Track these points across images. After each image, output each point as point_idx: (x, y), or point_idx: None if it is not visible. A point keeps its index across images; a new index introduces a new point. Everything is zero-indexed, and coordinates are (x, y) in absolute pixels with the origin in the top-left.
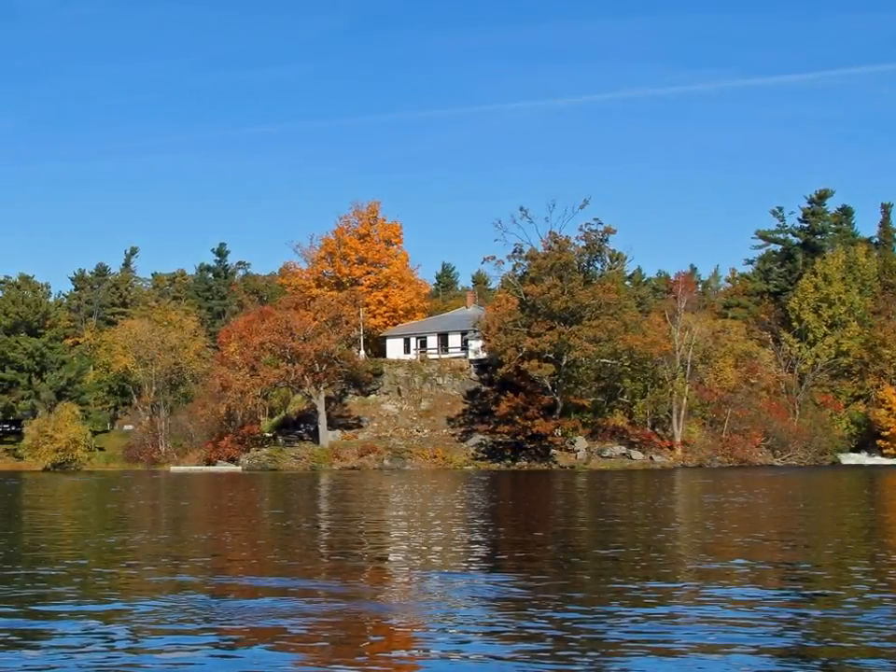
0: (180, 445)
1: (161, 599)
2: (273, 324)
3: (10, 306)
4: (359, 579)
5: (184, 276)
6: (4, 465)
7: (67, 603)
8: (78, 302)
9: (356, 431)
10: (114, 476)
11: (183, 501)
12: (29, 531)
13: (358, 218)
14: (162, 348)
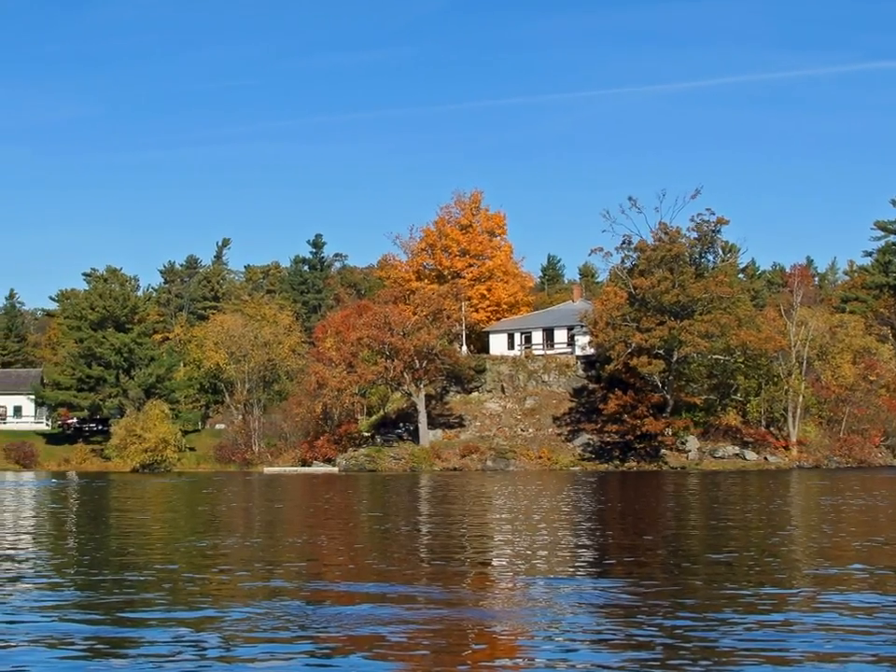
0: (274, 445)
1: (254, 606)
2: (372, 318)
3: (97, 300)
4: (461, 584)
5: (278, 269)
6: (90, 466)
7: (157, 610)
8: (168, 296)
9: (457, 431)
10: (205, 477)
11: (277, 503)
12: (117, 535)
13: (460, 208)
14: (256, 344)
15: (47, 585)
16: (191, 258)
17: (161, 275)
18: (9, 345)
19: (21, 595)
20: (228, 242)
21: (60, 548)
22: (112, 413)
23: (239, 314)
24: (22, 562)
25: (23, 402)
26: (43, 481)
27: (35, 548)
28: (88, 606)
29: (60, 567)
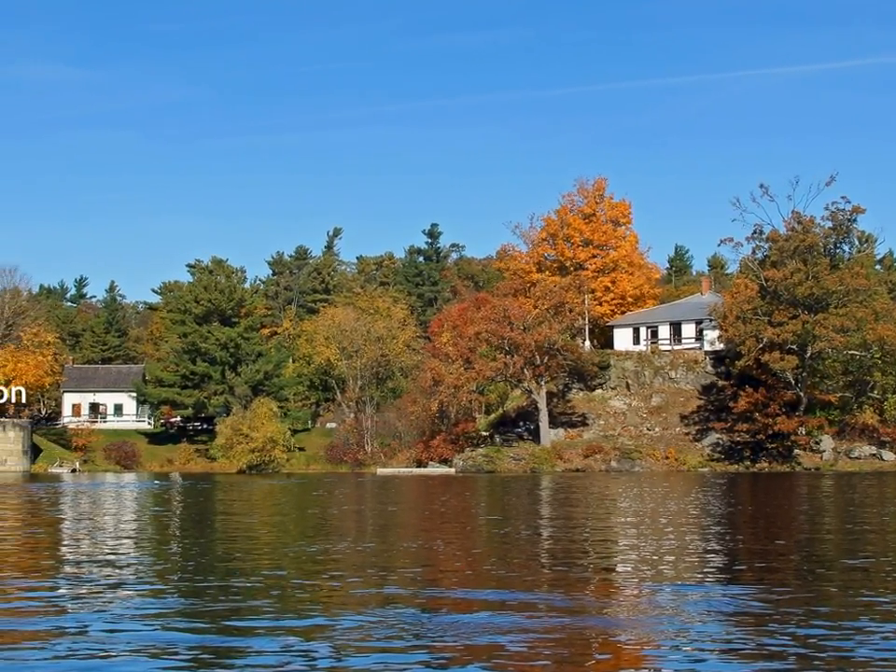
0: (388, 445)
1: (366, 614)
2: (490, 312)
3: (202, 293)
4: (584, 591)
5: (392, 260)
6: (195, 466)
7: (264, 618)
8: (276, 289)
9: (580, 430)
10: (315, 479)
11: (391, 506)
12: (222, 539)
13: (583, 196)
14: (368, 339)
15: (149, 592)
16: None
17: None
18: (110, 340)
19: (121, 602)
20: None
21: (163, 553)
22: (217, 411)
23: (351, 307)
24: (123, 568)
25: (124, 400)
26: (145, 482)
27: (137, 553)
28: (192, 614)
29: (162, 573)
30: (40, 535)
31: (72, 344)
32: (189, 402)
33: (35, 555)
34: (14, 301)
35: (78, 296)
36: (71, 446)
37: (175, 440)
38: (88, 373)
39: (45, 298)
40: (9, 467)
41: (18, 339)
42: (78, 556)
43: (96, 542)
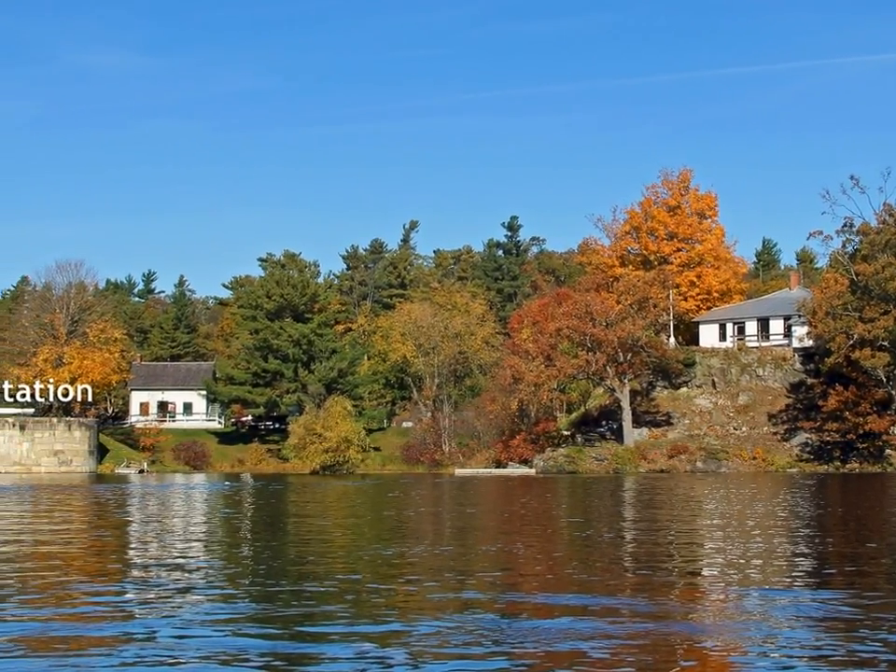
0: (466, 445)
1: (444, 619)
2: (572, 307)
3: (274, 288)
4: (669, 596)
5: (470, 254)
6: (266, 467)
7: (338, 623)
8: (351, 283)
9: (664, 429)
10: (391, 479)
11: (469, 508)
12: (295, 542)
13: (668, 188)
14: (446, 335)
15: (219, 597)
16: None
17: (344, 261)
18: (179, 337)
19: (191, 607)
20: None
21: (233, 556)
22: (290, 410)
23: (428, 302)
24: (193, 572)
25: (194, 399)
26: (215, 483)
27: (207, 556)
28: (264, 619)
29: (233, 577)
30: (107, 538)
31: (140, 341)
32: (261, 401)
33: (101, 559)
34: (80, 297)
35: (146, 291)
36: (139, 446)
37: (247, 439)
38: (156, 371)
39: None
40: (75, 467)
41: (84, 335)
42: (146, 560)
43: (165, 545)
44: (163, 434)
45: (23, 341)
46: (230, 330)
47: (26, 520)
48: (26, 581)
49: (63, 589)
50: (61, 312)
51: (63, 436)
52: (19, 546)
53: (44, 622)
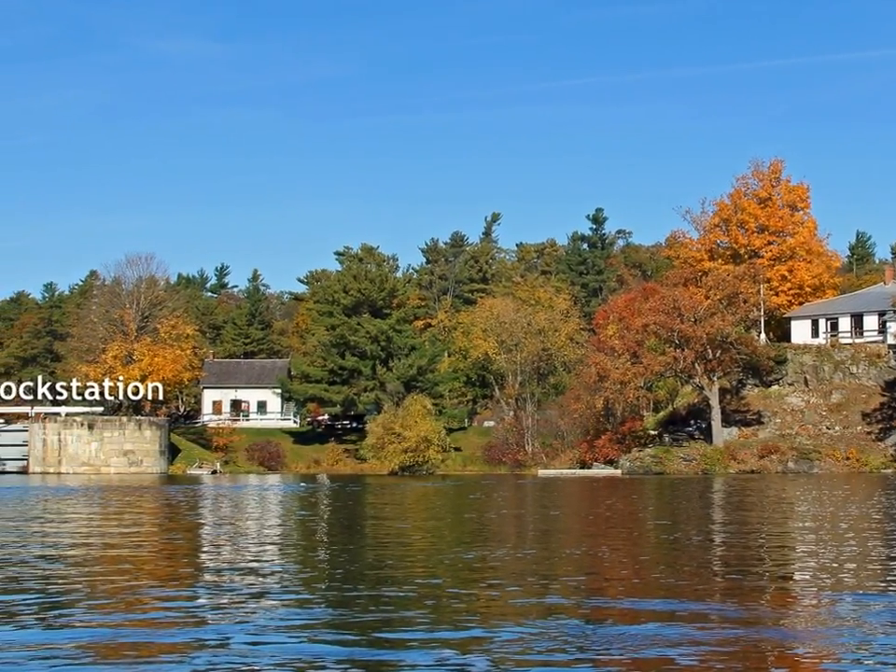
0: (549, 445)
1: (527, 625)
2: (659, 303)
3: (351, 282)
4: (759, 601)
5: (554, 247)
6: (343, 468)
7: (418, 630)
8: (431, 278)
9: (755, 428)
10: (472, 481)
11: (553, 510)
12: (373, 546)
13: (758, 179)
14: (529, 331)
15: (294, 602)
16: (457, 234)
17: (423, 254)
18: (253, 333)
19: (265, 612)
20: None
21: (309, 560)
22: (368, 408)
23: (510, 297)
24: (267, 576)
25: (268, 397)
26: (290, 485)
27: (282, 560)
28: (340, 625)
29: (309, 581)
30: (178, 541)
31: (212, 337)
32: (338, 399)
33: (172, 563)
34: (151, 291)
35: (219, 286)
36: (211, 446)
37: (323, 439)
38: (229, 368)
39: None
40: (145, 468)
41: (155, 331)
42: (219, 564)
43: (238, 549)
44: (237, 434)
45: (92, 337)
46: (305, 326)
47: (95, 522)
48: (95, 585)
49: (133, 594)
50: (131, 307)
51: (134, 436)
52: (87, 549)
53: (113, 627)
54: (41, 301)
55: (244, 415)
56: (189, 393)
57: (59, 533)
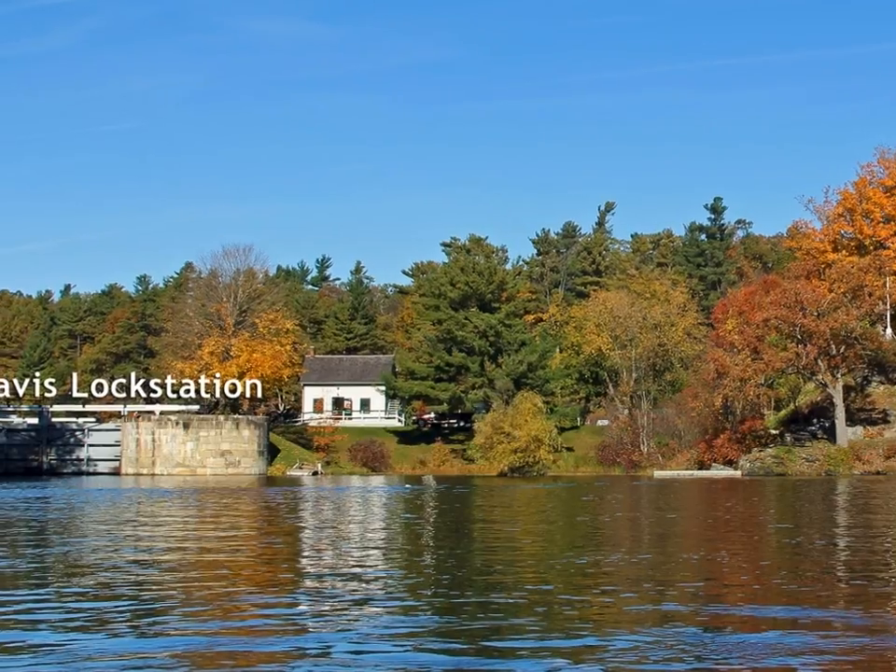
0: (666, 445)
1: (642, 633)
2: (780, 296)
3: (458, 275)
4: (886, 608)
5: (670, 238)
6: (450, 469)
7: (528, 638)
8: (542, 270)
9: (881, 427)
10: (585, 482)
11: (670, 513)
12: (481, 550)
13: (884, 167)
14: (644, 326)
15: (399, 609)
16: (569, 225)
17: (534, 246)
18: (355, 328)
19: (369, 620)
20: (612, 206)
21: (414, 565)
22: (476, 407)
23: (625, 290)
24: (371, 582)
25: (372, 394)
26: (395, 486)
27: (386, 565)
28: (447, 633)
29: (414, 587)
30: (278, 545)
31: (313, 332)
32: (444, 397)
33: (272, 568)
34: (249, 284)
35: (321, 278)
36: (312, 446)
37: (429, 439)
38: (331, 365)
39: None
40: (243, 469)
41: (253, 326)
42: (320, 569)
43: (340, 553)
44: (339, 433)
45: (187, 332)
46: (410, 321)
47: (191, 526)
48: (190, 591)
49: (230, 600)
50: (228, 301)
51: (231, 435)
52: (183, 554)
53: (210, 636)
54: (134, 294)
55: (346, 414)
56: (288, 391)
57: (153, 537)
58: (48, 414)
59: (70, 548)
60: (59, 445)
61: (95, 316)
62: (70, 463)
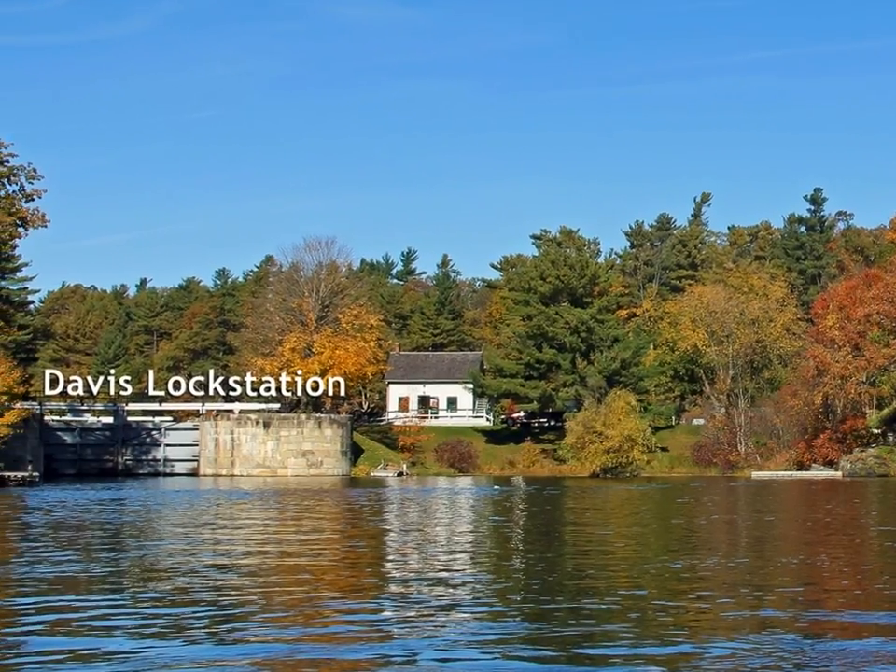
0: (764, 445)
1: (739, 640)
2: (883, 291)
3: (549, 268)
4: None
5: (769, 230)
6: (540, 469)
7: (621, 645)
8: (635, 263)
9: None
10: (680, 483)
11: (768, 515)
12: (572, 554)
13: None
14: (742, 322)
15: (487, 615)
16: (663, 217)
17: (627, 238)
18: (442, 323)
19: (456, 626)
20: (708, 197)
21: (503, 569)
22: (567, 405)
23: (721, 284)
24: (458, 587)
25: (459, 393)
26: (483, 488)
27: (473, 569)
28: (537, 640)
29: (503, 592)
30: (362, 549)
31: (398, 328)
32: (534, 395)
33: (355, 572)
34: (331, 278)
35: (406, 272)
36: (397, 446)
37: (518, 438)
38: (417, 362)
39: (367, 274)
40: (325, 470)
41: (336, 322)
42: (406, 574)
43: (426, 557)
44: (425, 432)
45: (268, 328)
46: (499, 316)
47: (271, 529)
48: (271, 597)
49: (312, 606)
50: (310, 295)
51: (313, 435)
52: (263, 558)
53: (291, 643)
54: (213, 288)
55: (432, 412)
56: (372, 388)
57: (232, 540)
58: (123, 413)
59: (146, 552)
60: (134, 445)
61: (172, 312)
62: (146, 464)
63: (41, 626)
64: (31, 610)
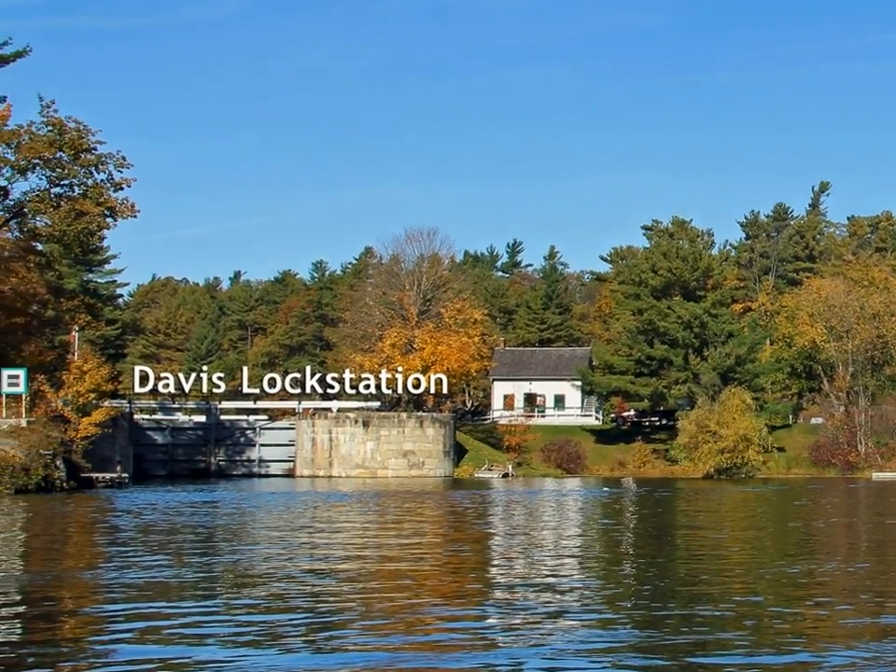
0: (885, 444)
1: (860, 648)
2: None
3: (660, 260)
4: None
5: (890, 220)
6: (651, 470)
7: (735, 653)
8: (750, 255)
9: None
10: (797, 485)
11: (889, 518)
12: (685, 558)
13: None
14: (862, 316)
15: (596, 622)
16: (780, 207)
17: (742, 229)
18: (549, 318)
19: (563, 634)
20: (827, 186)
21: (613, 575)
22: (679, 403)
23: (840, 277)
24: (566, 593)
25: (567, 390)
26: (592, 489)
27: (582, 575)
28: (648, 648)
29: (613, 598)
30: (465, 553)
31: (503, 323)
32: (645, 393)
33: (458, 578)
34: (433, 271)
35: (511, 265)
36: (502, 446)
37: (628, 438)
38: (522, 358)
39: (471, 267)
40: (427, 471)
41: (438, 316)
42: (511, 579)
43: (533, 562)
44: (531, 432)
45: (367, 323)
46: (608, 311)
47: (371, 532)
48: (371, 603)
49: (413, 613)
50: (411, 289)
51: (414, 434)
52: (362, 563)
53: (392, 651)
54: (309, 281)
55: (539, 411)
56: (476, 386)
57: (330, 544)
58: (216, 412)
59: (240, 556)
60: (228, 445)
61: (267, 306)
62: (240, 464)
63: (130, 634)
64: (120, 617)
